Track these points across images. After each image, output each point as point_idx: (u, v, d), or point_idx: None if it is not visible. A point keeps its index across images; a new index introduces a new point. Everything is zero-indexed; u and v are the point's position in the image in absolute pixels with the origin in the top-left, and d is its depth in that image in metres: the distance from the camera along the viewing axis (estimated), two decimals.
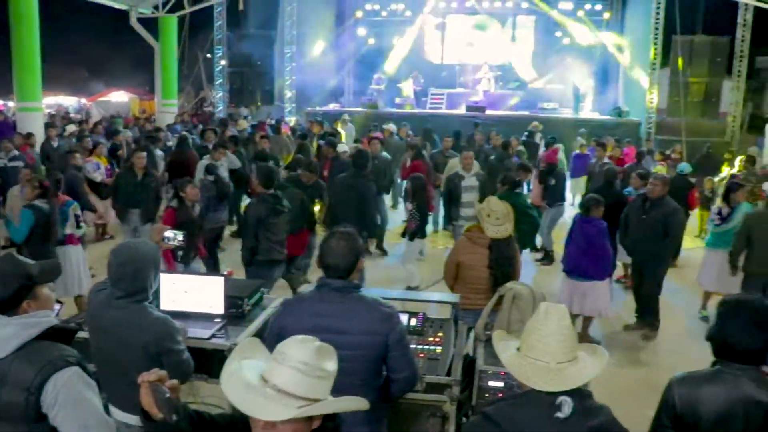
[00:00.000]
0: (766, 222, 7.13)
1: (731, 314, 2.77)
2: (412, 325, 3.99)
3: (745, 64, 21.56)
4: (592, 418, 2.19)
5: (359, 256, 3.18)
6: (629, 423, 5.18)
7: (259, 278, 6.19)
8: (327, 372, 1.94)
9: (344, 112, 20.43)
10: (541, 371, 2.21)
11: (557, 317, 2.27)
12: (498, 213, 4.90)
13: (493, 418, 2.24)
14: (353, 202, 7.61)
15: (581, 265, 7.00)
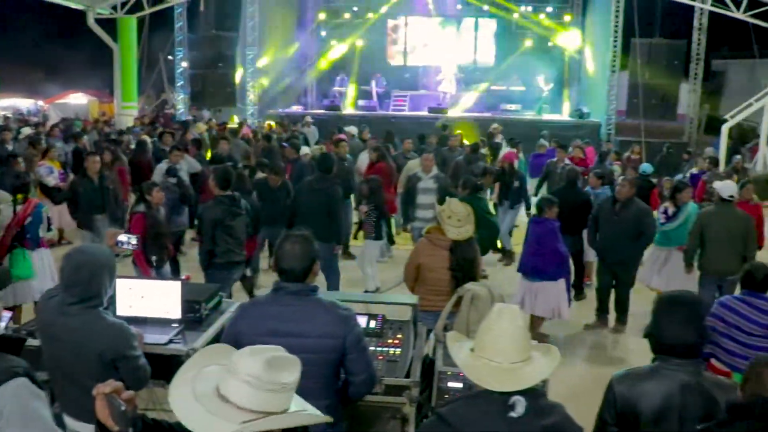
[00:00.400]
0: (719, 221, 7.25)
1: (666, 311, 2.82)
2: (371, 327, 3.98)
3: (702, 67, 22.04)
4: (545, 417, 2.20)
5: (315, 259, 3.16)
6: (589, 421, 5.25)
7: (218, 281, 6.12)
8: (281, 384, 1.88)
9: (307, 114, 20.37)
10: (495, 371, 2.21)
11: (510, 317, 2.29)
12: (459, 215, 4.91)
13: (446, 419, 2.23)
14: (319, 206, 7.51)
15: (534, 265, 7.06)
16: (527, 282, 7.14)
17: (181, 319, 4.13)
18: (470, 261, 4.92)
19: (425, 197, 8.69)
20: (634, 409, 2.74)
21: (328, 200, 7.60)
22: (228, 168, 7.01)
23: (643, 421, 2.75)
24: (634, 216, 7.47)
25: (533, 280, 7.09)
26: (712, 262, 7.20)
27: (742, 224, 7.22)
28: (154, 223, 6.68)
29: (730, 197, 7.35)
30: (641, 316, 8.30)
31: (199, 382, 1.92)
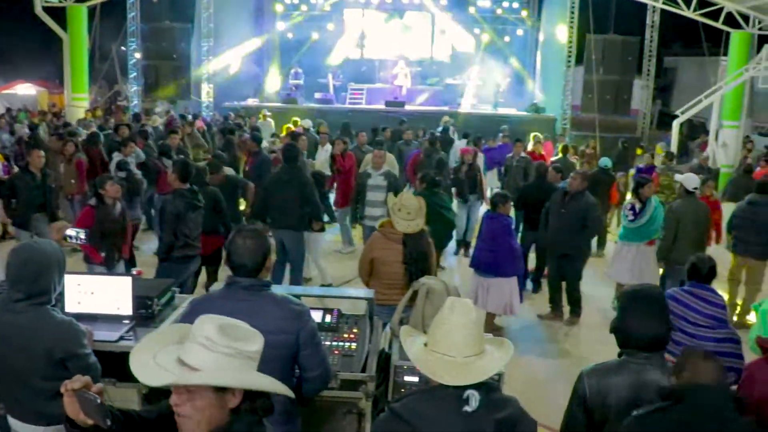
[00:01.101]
0: (688, 212, 7.45)
1: (631, 305, 2.87)
2: (326, 321, 3.96)
3: (654, 64, 22.52)
4: (499, 411, 2.21)
5: (267, 253, 3.14)
6: (546, 413, 5.33)
7: (175, 274, 6.17)
8: (235, 349, 1.93)
9: (263, 107, 20.18)
10: (448, 366, 2.21)
11: (463, 312, 2.29)
12: (409, 207, 4.90)
13: (400, 414, 2.23)
14: (292, 196, 7.48)
15: (486, 260, 7.10)
16: (480, 277, 7.18)
17: (133, 316, 4.06)
18: (423, 254, 4.92)
19: (374, 194, 8.60)
20: (604, 402, 2.80)
21: (302, 189, 7.57)
22: (188, 161, 6.95)
23: (612, 413, 2.80)
24: (581, 209, 7.57)
25: (486, 276, 7.13)
26: (680, 253, 7.30)
27: (705, 215, 7.47)
28: (104, 218, 6.54)
29: (695, 189, 7.54)
30: (603, 309, 8.48)
31: (160, 354, 1.97)
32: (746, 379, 3.40)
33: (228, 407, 1.96)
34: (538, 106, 21.99)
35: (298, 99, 21.80)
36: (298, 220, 7.58)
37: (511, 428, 2.21)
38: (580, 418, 2.87)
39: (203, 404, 1.91)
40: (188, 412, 1.92)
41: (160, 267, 6.48)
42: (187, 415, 1.92)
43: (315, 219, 7.88)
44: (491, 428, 2.17)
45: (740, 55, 18.61)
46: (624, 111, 21.91)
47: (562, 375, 6.59)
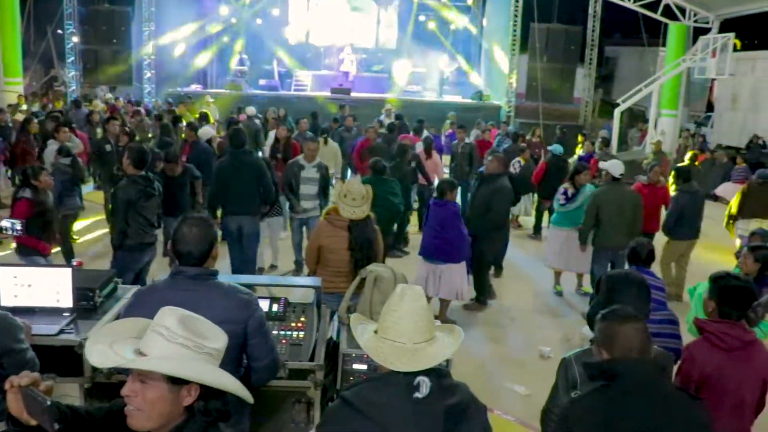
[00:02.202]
0: (612, 198, 7.60)
1: (622, 289, 2.91)
2: (274, 310, 3.92)
3: (596, 53, 22.95)
4: (449, 397, 2.21)
5: (214, 242, 3.08)
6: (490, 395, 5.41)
7: (129, 263, 6.14)
8: (196, 344, 1.88)
9: (206, 93, 19.83)
10: (399, 352, 2.20)
11: (412, 298, 2.28)
12: (354, 194, 4.87)
13: (351, 402, 2.21)
14: (248, 181, 7.36)
15: (438, 247, 7.12)
16: (431, 264, 7.19)
17: (73, 308, 3.92)
18: (369, 241, 4.90)
19: (307, 187, 8.21)
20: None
21: (257, 172, 7.46)
22: (143, 147, 6.74)
23: None
24: (489, 192, 7.59)
25: (437, 263, 7.15)
26: (606, 238, 7.54)
27: (631, 202, 7.63)
28: (43, 209, 6.35)
29: (621, 176, 7.71)
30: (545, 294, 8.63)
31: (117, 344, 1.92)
32: (686, 360, 3.49)
33: (182, 405, 1.89)
34: (483, 94, 22.19)
35: (242, 85, 21.48)
36: (255, 205, 7.50)
37: (461, 414, 2.22)
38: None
39: (155, 397, 1.85)
40: (139, 405, 1.85)
41: (116, 256, 6.33)
42: (139, 408, 1.86)
43: (269, 202, 7.79)
44: (441, 414, 2.17)
45: (677, 47, 19.17)
46: (567, 99, 22.32)
47: (506, 360, 6.71)
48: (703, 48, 17.93)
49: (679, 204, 8.38)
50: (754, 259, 5.50)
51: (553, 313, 8.04)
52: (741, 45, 23.50)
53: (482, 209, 7.55)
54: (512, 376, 6.14)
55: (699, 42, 18.24)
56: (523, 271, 9.58)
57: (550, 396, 2.95)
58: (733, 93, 21.77)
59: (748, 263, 5.53)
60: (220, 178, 7.44)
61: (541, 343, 6.85)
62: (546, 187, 10.32)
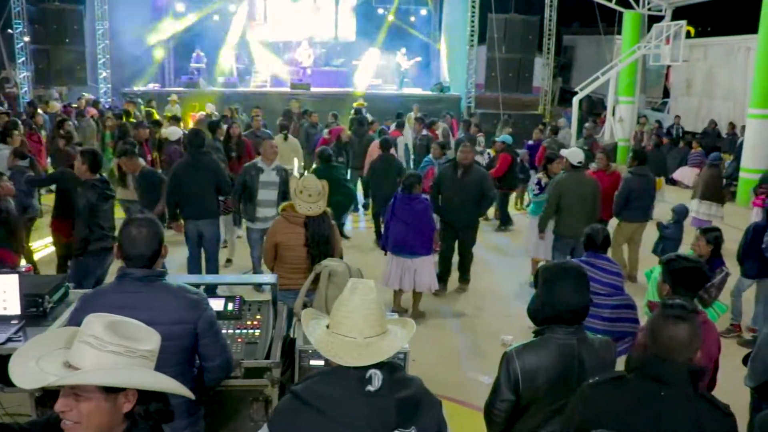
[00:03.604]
0: (572, 187, 7.66)
1: (559, 279, 2.91)
2: (229, 309, 3.87)
3: (554, 42, 23.16)
4: (402, 390, 2.20)
5: (162, 242, 3.03)
6: (456, 386, 5.41)
7: (92, 268, 6.08)
8: (127, 348, 1.83)
9: (164, 92, 19.52)
10: (349, 347, 2.18)
11: (363, 292, 2.26)
12: (311, 190, 4.83)
13: (302, 397, 2.19)
14: (207, 183, 7.27)
15: (409, 242, 7.08)
16: (405, 259, 7.12)
17: (22, 315, 3.83)
18: (325, 237, 4.88)
19: (266, 193, 7.54)
20: (534, 379, 2.81)
21: (215, 174, 7.36)
22: (97, 150, 6.62)
23: (542, 392, 2.82)
24: (477, 180, 7.73)
25: (413, 257, 7.12)
26: (568, 226, 7.58)
27: (591, 189, 7.70)
28: (6, 218, 6.19)
29: (579, 163, 7.78)
30: (515, 284, 8.68)
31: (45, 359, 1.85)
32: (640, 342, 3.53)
33: (122, 412, 1.84)
34: (443, 86, 22.25)
35: (200, 83, 21.19)
36: (214, 207, 7.41)
37: (414, 407, 2.21)
38: (509, 401, 2.88)
39: (91, 409, 1.79)
40: (76, 418, 1.80)
41: (75, 263, 6.20)
42: (75, 421, 1.80)
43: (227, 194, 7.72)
44: (394, 407, 2.15)
45: (633, 34, 19.43)
46: (526, 89, 22.48)
47: (473, 350, 6.73)
48: (657, 35, 18.19)
49: (628, 185, 8.54)
50: (706, 241, 5.61)
51: (524, 303, 8.07)
52: (695, 32, 23.91)
53: (476, 198, 7.65)
54: (478, 366, 6.16)
55: (653, 29, 18.51)
56: (494, 262, 9.64)
57: (492, 390, 2.95)
58: (687, 79, 22.16)
59: (701, 245, 5.64)
60: (176, 180, 7.31)
61: (507, 331, 6.88)
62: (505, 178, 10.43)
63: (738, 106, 18.78)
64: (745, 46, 18.09)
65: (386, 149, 9.68)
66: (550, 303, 2.87)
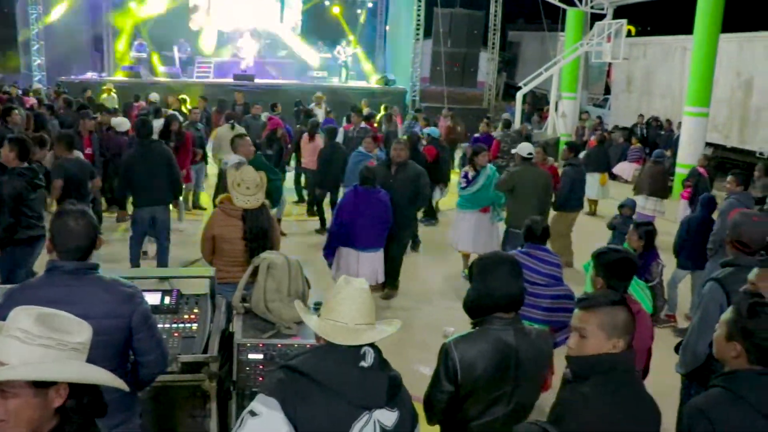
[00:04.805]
0: (526, 178, 7.76)
1: (492, 269, 2.93)
2: (165, 303, 3.78)
3: (498, 37, 23.42)
4: (390, 370, 2.36)
5: (98, 233, 2.95)
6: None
7: (20, 258, 5.96)
8: (57, 341, 1.77)
9: (104, 81, 19.00)
10: (341, 330, 2.30)
11: (355, 284, 2.39)
12: (249, 182, 4.77)
13: (299, 368, 2.26)
14: (159, 170, 7.32)
15: (378, 235, 7.05)
16: (365, 253, 7.06)
17: None
18: (264, 230, 4.82)
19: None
20: (473, 370, 2.81)
21: (167, 161, 7.48)
22: (26, 138, 6.41)
23: (481, 383, 2.83)
24: (411, 177, 7.61)
25: (374, 251, 7.11)
26: (519, 217, 7.62)
27: (543, 181, 7.85)
28: None
29: (530, 155, 7.90)
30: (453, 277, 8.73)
31: None
32: None
33: (52, 407, 1.78)
34: (388, 79, 22.28)
35: (142, 73, 20.69)
36: (166, 195, 7.52)
37: (399, 387, 2.36)
38: (448, 392, 2.88)
39: (19, 405, 1.72)
40: (2, 416, 1.72)
41: (3, 253, 6.00)
42: (2, 419, 1.72)
43: (178, 192, 7.87)
44: (386, 383, 2.29)
45: (576, 31, 19.80)
46: (471, 83, 22.70)
47: (414, 343, 6.76)
48: (599, 33, 18.59)
49: (569, 176, 8.80)
50: (638, 236, 5.77)
51: (461, 296, 8.13)
52: (635, 31, 24.50)
53: (410, 196, 7.54)
54: (419, 358, 6.18)
55: (595, 27, 18.90)
56: (430, 254, 9.68)
57: (431, 382, 2.96)
58: (627, 76, 22.70)
59: (634, 239, 5.80)
60: (128, 169, 7.38)
61: (447, 324, 6.92)
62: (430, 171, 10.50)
63: (675, 104, 19.33)
64: (682, 46, 18.63)
65: (331, 138, 9.99)
66: (487, 293, 2.90)
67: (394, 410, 2.31)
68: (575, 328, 2.53)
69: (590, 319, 2.49)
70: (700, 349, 3.78)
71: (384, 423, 2.28)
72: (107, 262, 8.21)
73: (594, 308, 2.50)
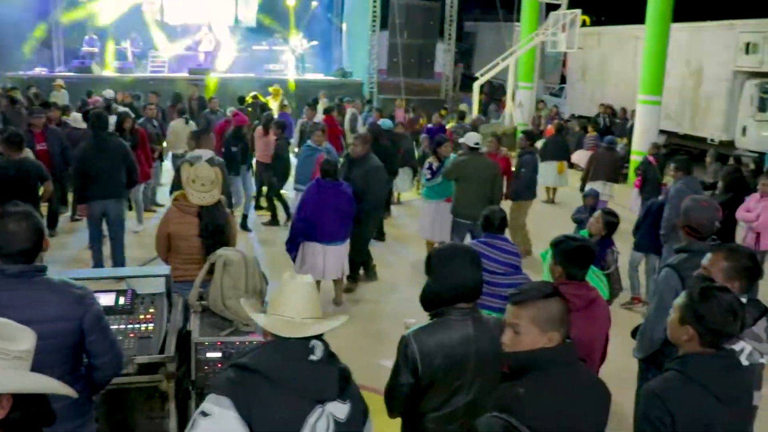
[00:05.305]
0: (471, 168, 7.79)
1: (450, 260, 2.92)
2: (120, 303, 3.71)
3: (455, 28, 23.48)
4: (339, 362, 2.37)
5: (43, 234, 2.86)
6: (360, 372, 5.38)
7: None
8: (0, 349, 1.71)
9: (53, 77, 18.51)
10: (288, 324, 2.31)
11: (301, 278, 2.40)
12: (203, 179, 4.69)
13: (249, 366, 2.25)
14: (114, 164, 7.33)
15: (337, 229, 7.03)
16: (331, 246, 7.04)
17: None
18: (220, 227, 4.76)
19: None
20: (432, 361, 2.81)
21: (124, 155, 7.47)
22: None
23: (440, 374, 2.83)
24: (362, 175, 7.59)
25: (340, 244, 7.11)
26: (465, 207, 7.71)
27: (489, 171, 7.86)
28: None
29: (476, 144, 7.94)
30: (416, 266, 8.74)
31: None
32: None
33: None
34: (345, 71, 22.18)
35: (93, 67, 20.22)
36: (120, 188, 7.52)
37: (348, 378, 2.36)
38: (408, 384, 2.87)
39: None
40: None
41: None
42: None
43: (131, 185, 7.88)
44: (336, 375, 2.30)
45: (531, 22, 19.94)
46: (428, 74, 22.77)
47: (376, 334, 6.76)
48: (554, 23, 18.76)
49: (529, 164, 8.90)
50: (605, 222, 5.85)
51: (419, 285, 8.14)
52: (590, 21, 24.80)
53: (360, 193, 7.48)
54: (382, 350, 6.18)
55: (550, 17, 19.07)
56: (390, 246, 9.69)
57: (391, 375, 2.96)
58: (582, 66, 22.98)
59: (597, 226, 5.87)
60: (82, 161, 7.34)
61: (408, 315, 6.92)
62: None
63: (629, 93, 19.65)
64: (635, 35, 18.90)
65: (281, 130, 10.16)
66: (447, 284, 2.89)
67: (346, 402, 2.31)
68: (508, 324, 2.46)
69: (522, 314, 2.42)
70: (657, 335, 3.85)
71: (337, 416, 2.27)
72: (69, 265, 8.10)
73: (525, 303, 2.43)
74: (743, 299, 3.34)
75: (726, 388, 2.56)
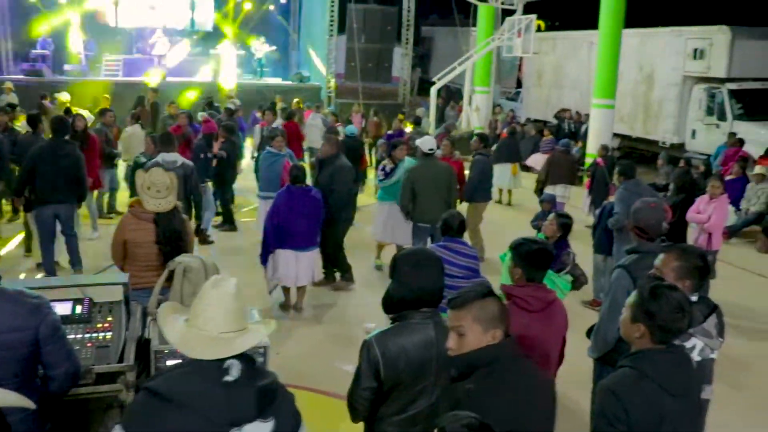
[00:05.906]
0: (426, 173, 7.86)
1: (413, 264, 2.94)
2: (77, 312, 3.62)
3: (412, 33, 23.62)
4: (260, 379, 2.21)
5: None
6: (320, 376, 5.38)
7: None
8: None
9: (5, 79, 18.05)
10: (204, 341, 2.17)
11: (223, 288, 2.25)
12: (158, 185, 4.64)
13: (159, 391, 2.13)
14: (67, 170, 7.24)
15: (309, 234, 7.06)
16: (304, 253, 7.05)
17: None
18: (177, 233, 4.71)
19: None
20: (395, 364, 2.82)
21: (76, 162, 7.41)
22: None
23: (405, 376, 2.84)
24: (329, 175, 7.73)
25: (313, 249, 7.15)
26: (423, 212, 7.78)
27: (445, 175, 7.95)
28: None
29: (431, 150, 8.02)
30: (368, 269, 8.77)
31: None
32: None
33: None
34: (303, 75, 22.14)
35: (44, 71, 19.77)
36: (71, 194, 7.43)
37: (272, 395, 2.22)
38: (371, 388, 2.88)
39: None
40: None
41: None
42: None
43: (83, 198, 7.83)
44: (254, 395, 2.16)
45: (487, 27, 20.19)
46: (386, 78, 22.87)
47: (334, 339, 6.76)
48: (509, 28, 19.03)
49: (480, 166, 9.02)
50: (558, 225, 5.96)
51: (376, 288, 8.17)
52: (545, 26, 25.16)
53: (326, 191, 7.55)
54: (343, 354, 6.18)
55: (506, 23, 19.34)
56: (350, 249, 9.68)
57: (354, 380, 2.96)
58: (538, 70, 23.31)
59: (552, 228, 5.98)
60: (33, 165, 7.21)
61: (367, 319, 6.94)
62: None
63: (583, 97, 19.99)
64: (589, 40, 19.25)
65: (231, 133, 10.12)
66: (411, 287, 2.91)
67: (268, 420, 2.19)
68: (452, 328, 2.54)
69: (464, 315, 2.51)
70: (611, 334, 3.94)
71: None
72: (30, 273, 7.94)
73: (466, 305, 2.52)
74: (694, 297, 3.46)
75: (677, 383, 2.65)
